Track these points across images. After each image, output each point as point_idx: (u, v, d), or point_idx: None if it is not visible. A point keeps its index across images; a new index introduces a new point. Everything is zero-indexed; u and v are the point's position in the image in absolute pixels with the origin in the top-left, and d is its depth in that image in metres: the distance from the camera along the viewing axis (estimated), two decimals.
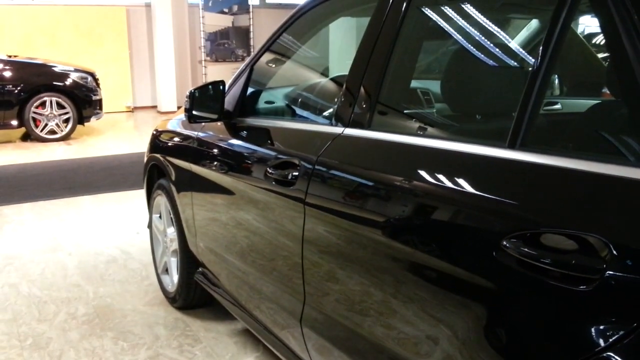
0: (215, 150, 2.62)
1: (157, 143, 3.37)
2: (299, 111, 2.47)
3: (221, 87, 2.48)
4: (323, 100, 2.40)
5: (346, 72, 1.93)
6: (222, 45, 12.39)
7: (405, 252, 1.48)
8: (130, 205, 5.49)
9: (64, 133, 8.68)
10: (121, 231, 4.70)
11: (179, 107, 12.03)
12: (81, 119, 8.82)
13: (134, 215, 5.16)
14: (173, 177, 3.03)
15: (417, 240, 1.45)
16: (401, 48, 1.79)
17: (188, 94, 2.47)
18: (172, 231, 3.24)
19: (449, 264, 1.35)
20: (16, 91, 8.32)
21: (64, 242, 4.45)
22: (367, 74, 1.81)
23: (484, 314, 1.26)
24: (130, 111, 11.96)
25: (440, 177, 1.45)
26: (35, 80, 8.56)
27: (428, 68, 2.33)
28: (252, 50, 12.76)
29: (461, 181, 1.38)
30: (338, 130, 1.86)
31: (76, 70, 8.88)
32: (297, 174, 1.91)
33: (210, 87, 2.47)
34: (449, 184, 1.41)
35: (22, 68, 8.66)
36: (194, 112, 2.46)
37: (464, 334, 1.30)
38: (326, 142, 1.86)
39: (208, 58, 12.07)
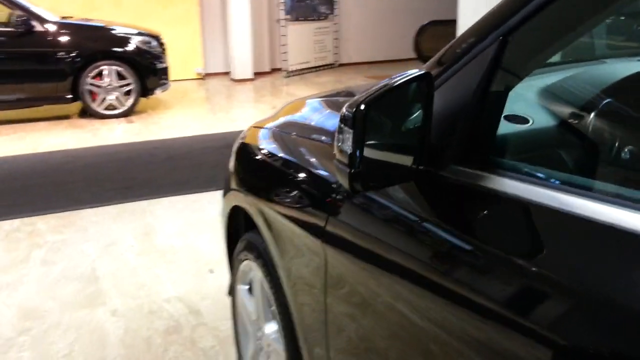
0: (407, 236, 1.12)
1: (246, 172, 1.93)
2: None
3: (420, 93, 0.97)
4: None
5: None
6: (304, 1, 10.78)
7: None
8: (199, 217, 4.09)
9: (125, 108, 7.36)
10: (187, 267, 3.32)
11: (255, 74, 10.62)
12: (145, 91, 7.48)
13: (205, 236, 3.75)
14: (281, 245, 1.59)
15: None
16: None
17: (347, 113, 0.96)
18: (273, 329, 1.81)
19: None
20: (69, 59, 6.99)
21: (107, 286, 3.10)
22: None
23: None
24: (201, 78, 10.60)
25: None
26: (91, 45, 7.22)
27: None
28: (334, 7, 11.10)
29: None
30: None
31: (138, 34, 7.50)
32: None
33: (396, 92, 0.96)
34: None
35: (76, 31, 7.29)
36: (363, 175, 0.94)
37: None
38: None
39: (288, 17, 10.50)
